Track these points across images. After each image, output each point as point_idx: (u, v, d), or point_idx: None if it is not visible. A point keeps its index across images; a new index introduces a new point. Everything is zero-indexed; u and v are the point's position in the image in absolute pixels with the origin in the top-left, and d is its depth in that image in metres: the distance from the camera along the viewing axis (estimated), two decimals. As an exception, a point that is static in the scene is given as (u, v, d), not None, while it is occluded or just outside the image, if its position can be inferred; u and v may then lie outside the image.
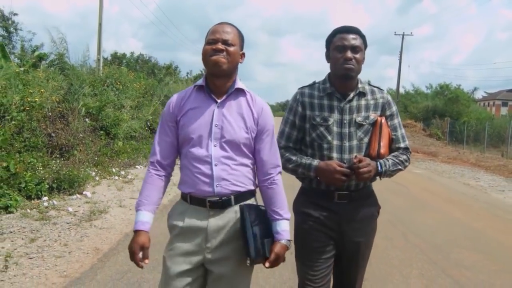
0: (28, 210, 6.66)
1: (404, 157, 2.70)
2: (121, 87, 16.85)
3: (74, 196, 7.85)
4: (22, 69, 13.60)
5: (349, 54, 2.53)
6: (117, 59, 34.54)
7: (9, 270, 4.36)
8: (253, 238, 2.24)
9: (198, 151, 2.26)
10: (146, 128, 16.42)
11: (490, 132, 29.14)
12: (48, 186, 7.71)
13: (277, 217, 2.35)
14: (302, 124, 2.68)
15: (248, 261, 2.26)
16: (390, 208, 7.97)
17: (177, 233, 2.30)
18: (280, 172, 2.43)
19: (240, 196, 2.33)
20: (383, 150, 2.60)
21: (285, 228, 2.34)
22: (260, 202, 2.41)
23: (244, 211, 2.25)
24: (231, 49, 2.25)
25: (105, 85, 16.17)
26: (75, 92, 12.34)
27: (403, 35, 44.22)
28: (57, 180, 8.00)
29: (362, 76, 2.74)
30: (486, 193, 11.35)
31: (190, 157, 2.28)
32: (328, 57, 2.68)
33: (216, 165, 2.26)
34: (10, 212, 6.47)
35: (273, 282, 4.34)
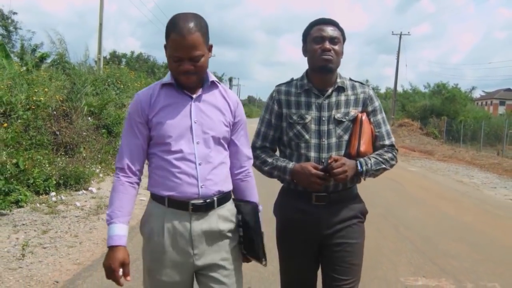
0: (38, 205, 6.97)
1: (389, 155, 2.54)
2: (122, 86, 17.20)
3: (80, 192, 8.17)
4: (24, 68, 13.92)
5: (327, 44, 2.43)
6: (116, 58, 34.87)
7: (26, 258, 4.69)
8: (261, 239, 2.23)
9: (179, 149, 2.10)
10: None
11: (487, 131, 29.52)
12: (55, 182, 8.02)
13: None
14: (279, 123, 2.58)
15: (264, 262, 2.24)
16: (383, 203, 8.34)
17: (158, 239, 2.12)
18: (252, 165, 2.39)
19: (222, 198, 2.20)
20: (363, 148, 2.47)
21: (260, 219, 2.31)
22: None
23: (250, 212, 2.24)
24: (199, 63, 2.07)
25: (106, 84, 16.51)
26: (78, 92, 12.64)
27: (400, 34, 44.53)
28: (63, 177, 8.32)
29: (360, 75, 2.70)
30: (478, 190, 11.70)
31: (168, 157, 2.10)
32: (305, 51, 2.57)
33: (200, 164, 2.11)
34: (20, 207, 6.77)
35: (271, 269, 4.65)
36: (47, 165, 8.48)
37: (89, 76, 15.50)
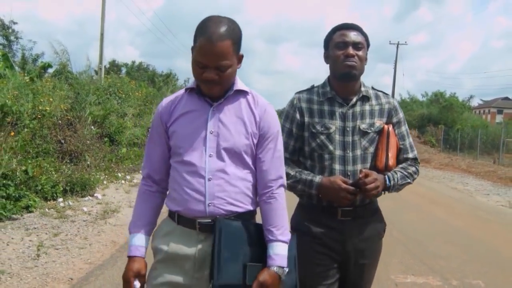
0: (47, 210, 7.28)
1: (413, 168, 2.47)
2: (123, 95, 17.55)
3: (86, 198, 8.49)
4: (27, 78, 14.26)
5: (350, 50, 2.31)
6: (115, 67, 35.26)
7: (40, 258, 5.01)
8: (218, 258, 1.88)
9: (190, 162, 1.95)
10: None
11: (484, 139, 29.89)
12: (62, 189, 8.34)
13: (271, 237, 1.97)
14: (300, 133, 2.43)
15: (210, 286, 1.88)
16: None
17: (162, 258, 2.00)
18: (282, 186, 2.07)
19: (239, 218, 1.99)
20: (391, 161, 2.38)
21: (279, 252, 1.96)
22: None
23: (217, 224, 1.92)
24: (225, 73, 1.91)
25: (108, 93, 16.86)
26: (82, 101, 12.98)
27: (397, 44, 45.02)
28: (70, 183, 8.64)
29: (359, 84, 2.51)
30: (471, 196, 12.05)
31: (180, 169, 1.97)
32: (327, 57, 2.45)
33: (210, 179, 1.93)
34: (30, 212, 7.07)
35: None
36: (53, 172, 8.80)
37: (92, 86, 15.85)
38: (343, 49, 2.33)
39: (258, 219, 2.08)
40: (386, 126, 2.42)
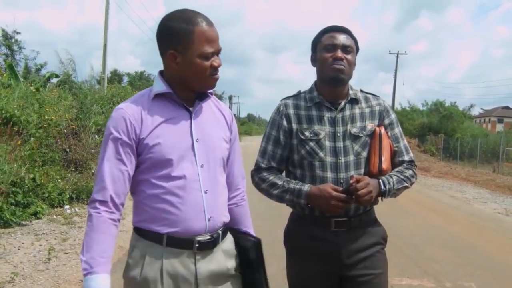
0: (54, 216, 7.52)
1: (410, 172, 2.34)
2: (126, 105, 17.83)
3: (92, 205, 8.72)
4: (32, 87, 14.53)
5: (339, 53, 2.22)
6: (116, 76, 35.64)
7: (51, 261, 5.24)
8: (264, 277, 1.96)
9: (182, 175, 1.78)
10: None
11: (484, 148, 30.16)
12: (68, 196, 8.58)
13: (249, 238, 2.03)
14: (288, 140, 2.32)
15: None
16: (376, 215, 8.86)
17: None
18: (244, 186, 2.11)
19: (225, 230, 1.93)
20: (385, 165, 2.25)
21: None
22: None
23: (252, 249, 1.95)
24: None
25: (112, 103, 17.14)
26: (87, 111, 13.25)
27: (397, 54, 45.39)
28: (76, 191, 8.89)
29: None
30: (469, 204, 12.23)
31: (166, 185, 1.76)
32: (315, 60, 2.35)
33: (206, 192, 1.81)
34: (39, 218, 7.31)
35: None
36: (59, 180, 9.04)
37: (95, 95, 16.13)
38: (332, 52, 2.24)
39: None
40: (377, 128, 2.32)
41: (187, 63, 1.78)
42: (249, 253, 1.97)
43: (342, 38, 2.26)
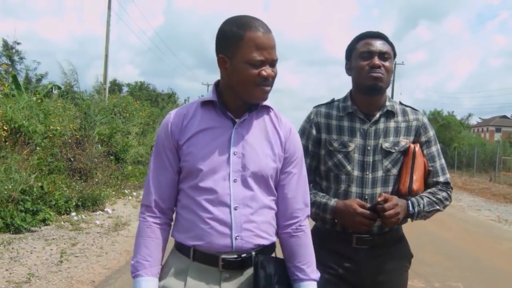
0: (62, 223, 7.83)
1: (444, 194, 2.19)
2: (127, 115, 18.21)
3: (98, 212, 9.04)
4: (34, 98, 14.86)
5: (376, 60, 2.10)
6: (116, 86, 35.99)
7: (63, 264, 5.55)
8: None
9: (210, 188, 1.70)
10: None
11: (482, 157, 30.51)
12: (74, 204, 8.90)
13: (302, 276, 1.80)
14: (316, 150, 2.23)
15: None
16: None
17: None
18: (308, 216, 1.88)
19: (262, 252, 1.76)
20: (416, 185, 2.13)
21: None
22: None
23: (262, 265, 1.71)
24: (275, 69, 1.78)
25: (113, 113, 17.49)
26: (91, 121, 13.59)
27: (395, 64, 45.65)
28: (81, 199, 9.21)
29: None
30: (463, 212, 12.57)
31: (196, 196, 1.71)
32: (350, 69, 2.23)
33: (236, 208, 1.70)
34: (47, 224, 7.62)
35: None
36: (65, 188, 9.36)
37: (97, 106, 16.47)
38: (368, 59, 2.12)
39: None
40: (412, 145, 2.18)
41: (234, 68, 1.70)
42: (268, 278, 1.72)
43: (378, 44, 2.14)
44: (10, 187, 7.45)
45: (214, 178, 1.70)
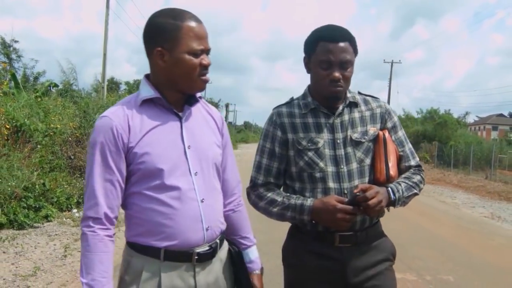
0: (64, 219, 8.00)
1: (418, 177, 2.17)
2: (126, 113, 18.34)
3: (98, 209, 9.21)
4: (33, 96, 14.99)
5: (336, 73, 2.00)
6: (113, 84, 36.08)
7: (67, 258, 5.73)
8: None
9: (174, 185, 1.69)
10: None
11: (478, 155, 30.72)
12: (75, 201, 9.08)
13: (249, 243, 2.00)
14: (284, 152, 2.13)
15: None
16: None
17: None
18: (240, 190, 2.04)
19: (222, 239, 1.86)
20: (393, 171, 2.08)
21: (257, 255, 2.02)
22: None
23: (237, 256, 1.93)
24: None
25: (112, 111, 17.62)
26: (90, 120, 13.75)
27: (392, 62, 46.11)
28: (82, 196, 9.35)
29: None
30: (457, 209, 12.76)
31: (162, 196, 1.68)
32: (309, 68, 2.14)
33: (203, 200, 1.73)
34: (49, 221, 7.80)
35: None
36: (66, 186, 9.53)
37: (97, 104, 16.62)
38: (328, 70, 2.02)
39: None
40: (381, 132, 2.14)
41: (175, 60, 1.69)
42: (234, 264, 1.92)
43: (339, 52, 2.01)
44: (14, 184, 7.61)
45: (176, 175, 1.70)
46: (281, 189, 2.21)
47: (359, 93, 2.25)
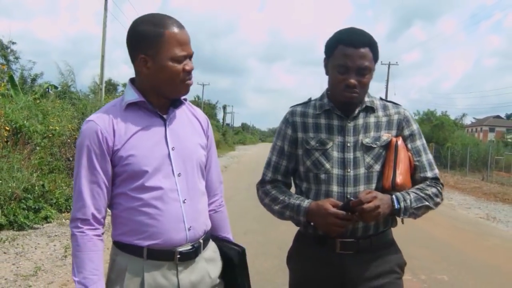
0: (63, 220, 8.08)
1: (433, 190, 2.04)
2: (124, 115, 18.41)
3: (97, 210, 9.29)
4: (31, 98, 15.05)
5: (352, 79, 1.96)
6: (111, 86, 36.07)
7: (67, 258, 5.80)
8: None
9: (159, 186, 1.75)
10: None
11: (475, 157, 30.88)
12: (74, 202, 9.15)
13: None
14: (293, 151, 2.13)
15: None
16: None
17: None
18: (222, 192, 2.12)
19: (207, 238, 1.91)
20: (399, 179, 1.99)
21: None
22: None
23: (237, 259, 1.98)
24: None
25: (110, 113, 17.68)
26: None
27: (389, 64, 46.19)
28: (81, 197, 9.45)
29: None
30: (453, 210, 12.87)
31: (145, 197, 1.73)
32: (327, 70, 2.11)
33: (185, 201, 1.79)
34: (49, 222, 7.87)
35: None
36: (64, 187, 9.61)
37: (96, 106, 16.69)
38: (344, 75, 1.97)
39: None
40: (394, 139, 2.07)
41: (158, 67, 1.73)
42: (233, 262, 1.96)
43: (357, 58, 1.96)
44: (14, 185, 7.69)
45: (160, 176, 1.75)
46: (291, 188, 2.22)
47: (381, 98, 2.22)
